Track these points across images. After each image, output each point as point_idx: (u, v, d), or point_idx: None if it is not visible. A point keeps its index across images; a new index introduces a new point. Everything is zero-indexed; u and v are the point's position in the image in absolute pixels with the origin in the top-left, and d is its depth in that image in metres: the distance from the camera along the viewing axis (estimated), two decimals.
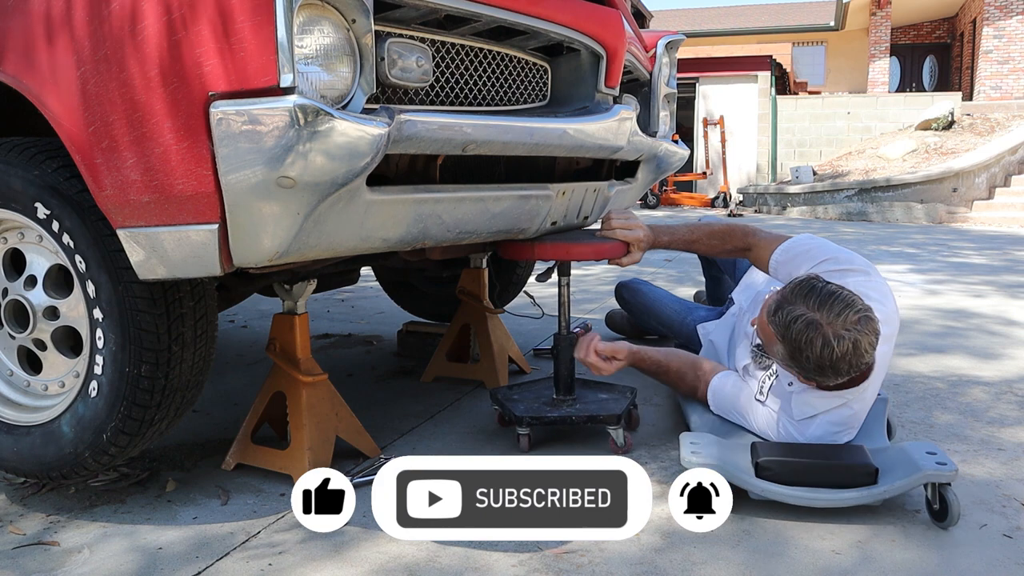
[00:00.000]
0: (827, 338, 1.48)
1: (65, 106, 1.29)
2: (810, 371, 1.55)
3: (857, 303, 1.52)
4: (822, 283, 1.55)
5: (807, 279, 1.57)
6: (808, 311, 1.51)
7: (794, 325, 1.51)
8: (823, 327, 1.49)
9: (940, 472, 1.46)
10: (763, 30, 18.90)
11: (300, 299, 1.72)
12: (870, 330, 1.50)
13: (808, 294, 1.53)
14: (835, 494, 1.50)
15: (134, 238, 1.30)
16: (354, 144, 1.18)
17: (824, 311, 1.50)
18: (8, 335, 1.61)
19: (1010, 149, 10.50)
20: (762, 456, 1.55)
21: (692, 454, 1.54)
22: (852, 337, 1.48)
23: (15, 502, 1.63)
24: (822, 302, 1.51)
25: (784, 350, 1.55)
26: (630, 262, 1.96)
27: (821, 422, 1.67)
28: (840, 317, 1.49)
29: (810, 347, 1.50)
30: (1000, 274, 4.96)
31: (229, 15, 1.14)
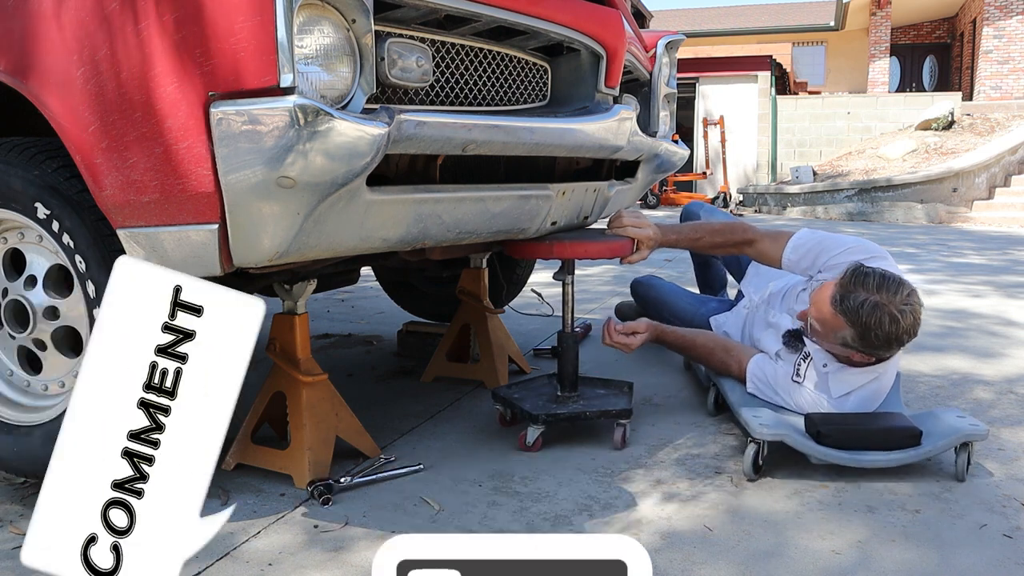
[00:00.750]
0: (893, 315, 1.69)
1: (65, 106, 1.29)
2: (878, 347, 1.75)
3: (905, 281, 1.75)
4: (870, 269, 1.75)
5: (857, 268, 1.76)
6: (870, 295, 1.71)
7: (863, 309, 1.70)
8: (887, 306, 1.69)
9: (976, 431, 1.67)
10: (763, 30, 18.89)
11: (300, 299, 1.72)
12: (919, 302, 1.74)
13: (865, 280, 1.73)
14: (886, 455, 1.69)
15: (134, 238, 1.30)
16: (354, 144, 1.18)
17: (883, 292, 1.71)
18: (8, 335, 1.61)
19: (1010, 149, 10.50)
20: (821, 425, 1.74)
21: (761, 425, 1.72)
22: (912, 310, 1.71)
23: (15, 502, 1.63)
24: (879, 285, 1.72)
25: (854, 332, 1.73)
26: (639, 258, 2.05)
27: (855, 397, 1.86)
28: (897, 296, 1.71)
29: (880, 326, 1.70)
30: (1000, 274, 4.96)
31: (229, 15, 1.14)
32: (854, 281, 1.74)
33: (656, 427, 2.05)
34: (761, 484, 1.69)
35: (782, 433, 1.70)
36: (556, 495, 1.64)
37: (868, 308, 1.70)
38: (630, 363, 2.66)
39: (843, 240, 1.98)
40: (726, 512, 1.56)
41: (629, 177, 2.23)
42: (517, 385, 2.11)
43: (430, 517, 1.54)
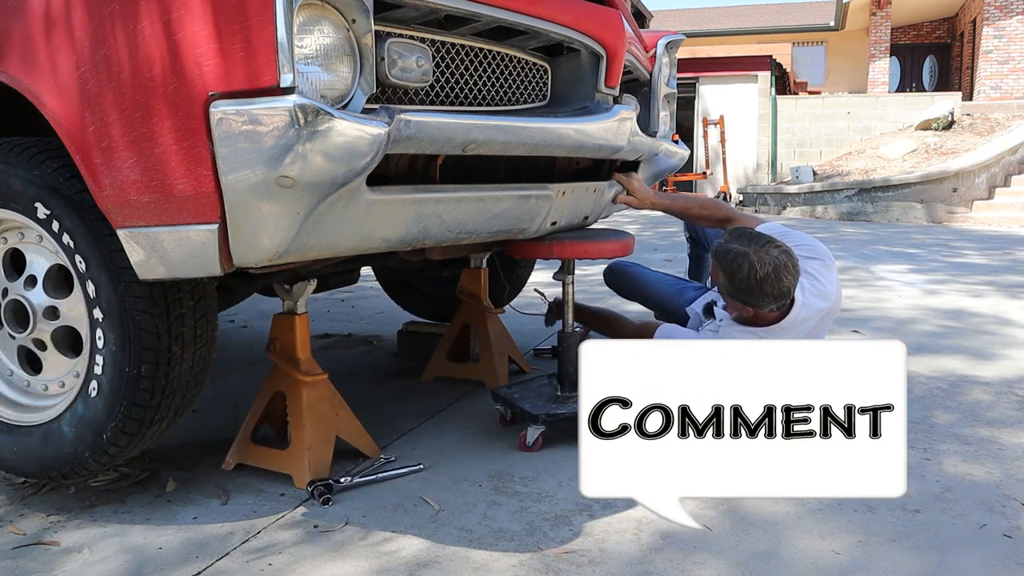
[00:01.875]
0: (752, 262, 1.83)
1: (65, 106, 1.29)
2: (743, 292, 1.87)
3: (780, 244, 1.88)
4: (751, 230, 1.91)
5: (743, 229, 1.92)
6: (740, 246, 1.87)
7: (728, 256, 1.87)
8: (750, 255, 1.84)
9: None
10: (763, 30, 18.88)
11: (300, 299, 1.72)
12: (790, 263, 1.85)
13: (741, 236, 1.90)
14: None
15: (134, 238, 1.30)
16: (354, 144, 1.18)
17: (752, 245, 1.86)
18: (8, 335, 1.61)
19: (1010, 149, 10.50)
20: None
21: None
22: (772, 262, 1.83)
23: (15, 502, 1.63)
24: (751, 240, 1.88)
25: (723, 279, 1.89)
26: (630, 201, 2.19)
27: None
28: (763, 248, 1.85)
29: (740, 270, 1.84)
30: (1000, 274, 4.96)
31: (229, 15, 1.14)
32: (733, 236, 1.92)
33: None
34: None
35: None
36: (556, 495, 1.64)
37: (733, 255, 1.86)
38: None
39: (799, 236, 2.11)
40: (726, 512, 1.56)
41: None
42: (517, 385, 2.11)
43: (430, 517, 1.54)
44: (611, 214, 2.35)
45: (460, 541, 1.44)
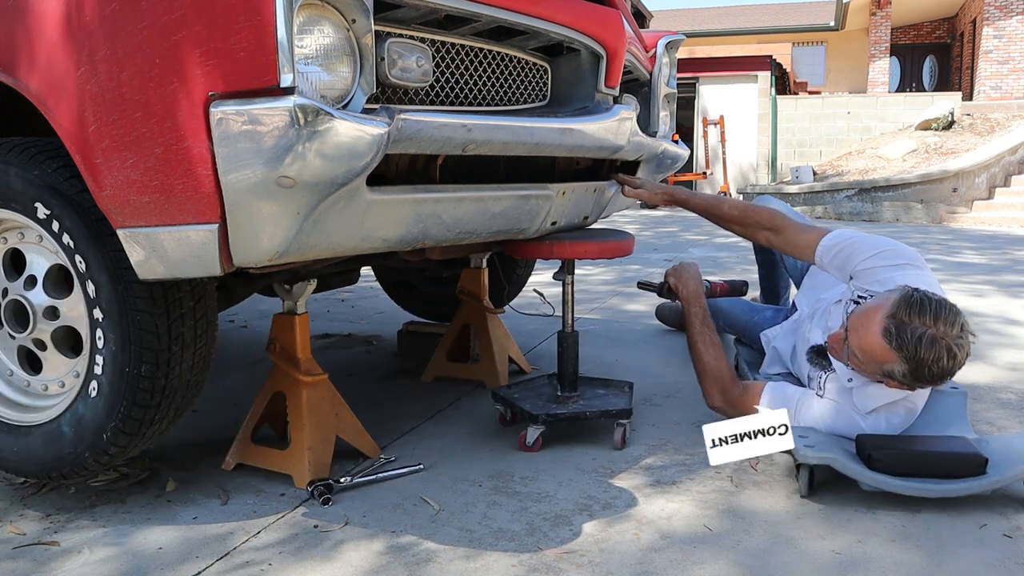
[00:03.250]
0: (951, 350, 1.56)
1: (65, 106, 1.29)
2: (929, 381, 1.60)
3: (958, 310, 1.61)
4: (922, 294, 1.61)
5: (910, 295, 1.61)
6: (927, 327, 1.57)
7: (921, 344, 1.56)
8: (944, 340, 1.56)
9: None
10: (763, 30, 18.89)
11: (300, 299, 1.73)
12: (968, 332, 1.60)
13: (922, 310, 1.58)
14: (946, 484, 1.55)
15: (134, 238, 1.30)
16: (354, 144, 1.18)
17: (941, 324, 1.57)
18: (8, 335, 1.61)
19: (1010, 149, 10.50)
20: (873, 449, 1.61)
21: (806, 447, 1.60)
22: (966, 344, 1.58)
23: (15, 502, 1.63)
24: (936, 316, 1.57)
25: (907, 368, 1.58)
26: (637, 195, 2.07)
27: (888, 416, 1.73)
28: (954, 328, 1.57)
29: (937, 362, 1.56)
30: (1000, 274, 4.96)
31: (229, 15, 1.14)
32: (909, 310, 1.59)
33: (656, 427, 2.05)
34: (761, 484, 1.69)
35: (828, 457, 1.58)
36: (556, 495, 1.64)
37: (927, 343, 1.55)
38: (630, 363, 2.66)
39: (875, 242, 1.84)
40: (726, 512, 1.56)
41: None
42: (517, 385, 2.11)
43: (430, 517, 1.54)
44: (611, 214, 2.35)
45: (460, 541, 1.44)
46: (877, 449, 1.61)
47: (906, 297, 1.61)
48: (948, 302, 1.61)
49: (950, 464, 1.58)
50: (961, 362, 1.57)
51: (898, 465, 1.58)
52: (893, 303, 1.61)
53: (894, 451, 1.60)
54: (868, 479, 1.57)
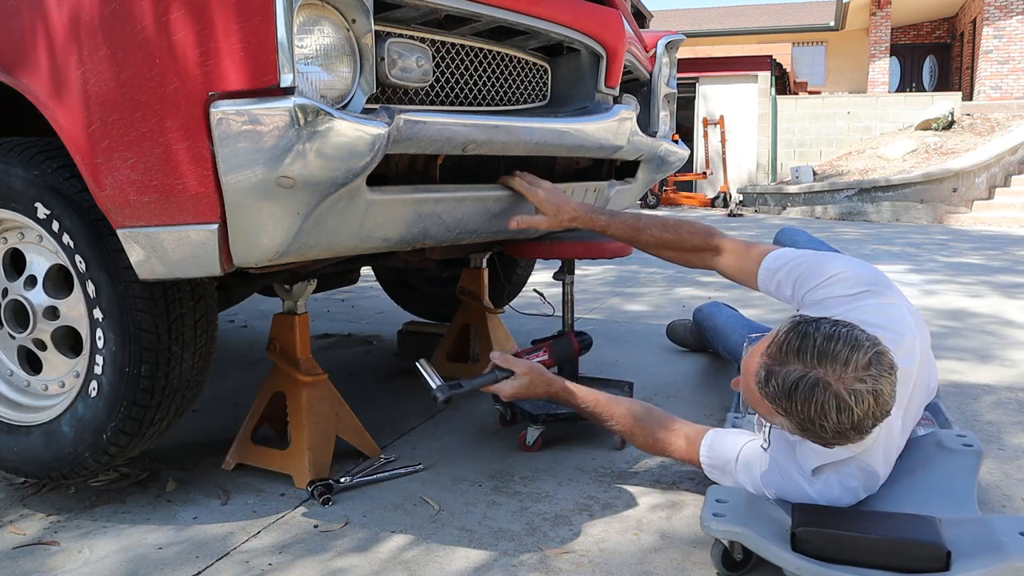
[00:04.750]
0: (841, 398, 1.19)
1: (65, 106, 1.29)
2: (829, 439, 1.25)
3: (862, 339, 1.23)
4: (812, 325, 1.25)
5: (794, 324, 1.27)
6: (807, 368, 1.21)
7: (796, 393, 1.21)
8: (832, 385, 1.20)
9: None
10: (763, 30, 18.90)
11: (300, 299, 1.73)
12: (887, 369, 1.22)
13: (801, 346, 1.23)
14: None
15: (134, 238, 1.30)
16: (354, 144, 1.18)
17: (827, 363, 1.21)
18: (8, 335, 1.61)
19: (1010, 149, 10.51)
20: (801, 525, 1.25)
21: (714, 516, 1.27)
22: (871, 387, 1.20)
23: (15, 502, 1.63)
24: (822, 352, 1.21)
25: (792, 423, 1.26)
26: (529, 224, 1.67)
27: (835, 478, 1.37)
28: (848, 366, 1.20)
29: (824, 415, 1.20)
30: (1000, 274, 4.96)
31: (229, 15, 1.14)
32: (786, 348, 1.24)
33: None
34: None
35: (737, 532, 1.24)
36: (556, 495, 1.64)
37: (804, 391, 1.20)
38: (630, 363, 2.66)
39: (826, 264, 1.48)
40: None
41: (629, 177, 2.24)
42: None
43: (430, 517, 1.54)
44: None
45: (460, 541, 1.44)
46: (805, 526, 1.25)
47: (787, 330, 1.26)
48: (849, 333, 1.23)
49: (899, 554, 1.19)
50: (865, 412, 1.19)
51: (830, 549, 1.22)
52: (771, 339, 1.29)
53: (826, 531, 1.23)
54: (789, 565, 1.22)
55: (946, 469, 1.44)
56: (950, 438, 1.53)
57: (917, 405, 1.50)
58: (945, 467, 1.45)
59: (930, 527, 1.23)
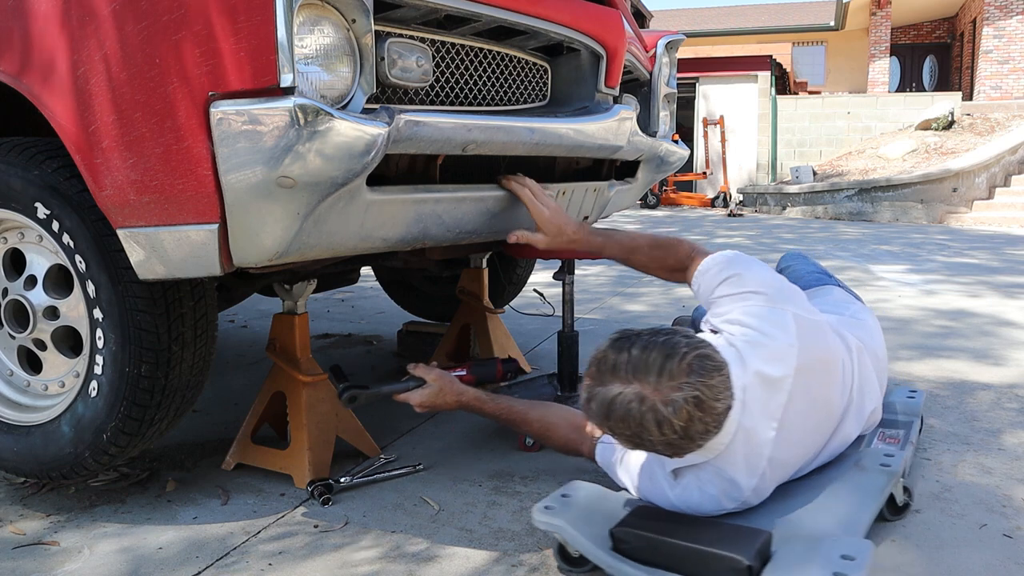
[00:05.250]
0: (658, 411, 1.17)
1: (65, 106, 1.29)
2: (663, 452, 1.25)
3: (680, 344, 1.21)
4: (629, 340, 1.24)
5: (612, 342, 1.26)
6: (623, 385, 1.20)
7: (613, 412, 1.20)
8: (647, 399, 1.18)
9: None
10: (763, 30, 18.89)
11: (300, 299, 1.73)
12: (713, 370, 1.21)
13: (617, 363, 1.22)
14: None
15: (134, 238, 1.30)
16: (354, 144, 1.18)
17: (642, 376, 1.19)
18: (8, 335, 1.61)
19: (1010, 149, 10.51)
20: (624, 525, 1.27)
21: (545, 508, 1.31)
22: (688, 395, 1.18)
23: (15, 502, 1.63)
24: (636, 366, 1.20)
25: (621, 441, 1.25)
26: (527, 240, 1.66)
27: (694, 484, 1.35)
28: (664, 375, 1.18)
29: (645, 430, 1.19)
30: (1000, 274, 4.96)
31: (229, 15, 1.14)
32: (604, 366, 1.23)
33: None
34: None
35: (557, 524, 1.28)
36: None
37: (621, 409, 1.19)
38: None
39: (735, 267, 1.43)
40: None
41: (629, 177, 2.23)
42: (517, 385, 2.11)
43: (430, 517, 1.54)
44: (611, 214, 2.35)
45: (460, 541, 1.44)
46: (626, 527, 1.26)
47: (606, 348, 1.25)
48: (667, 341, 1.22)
49: (703, 563, 1.19)
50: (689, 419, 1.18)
51: (643, 551, 1.23)
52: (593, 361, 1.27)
53: (639, 533, 1.25)
54: (600, 561, 1.24)
55: (852, 488, 1.42)
56: (870, 456, 1.50)
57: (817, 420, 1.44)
58: (852, 486, 1.43)
59: (747, 541, 1.22)
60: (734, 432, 1.29)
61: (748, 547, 1.20)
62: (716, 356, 1.24)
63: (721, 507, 1.35)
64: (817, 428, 1.45)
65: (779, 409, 1.33)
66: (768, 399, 1.32)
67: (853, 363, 1.54)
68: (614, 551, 1.25)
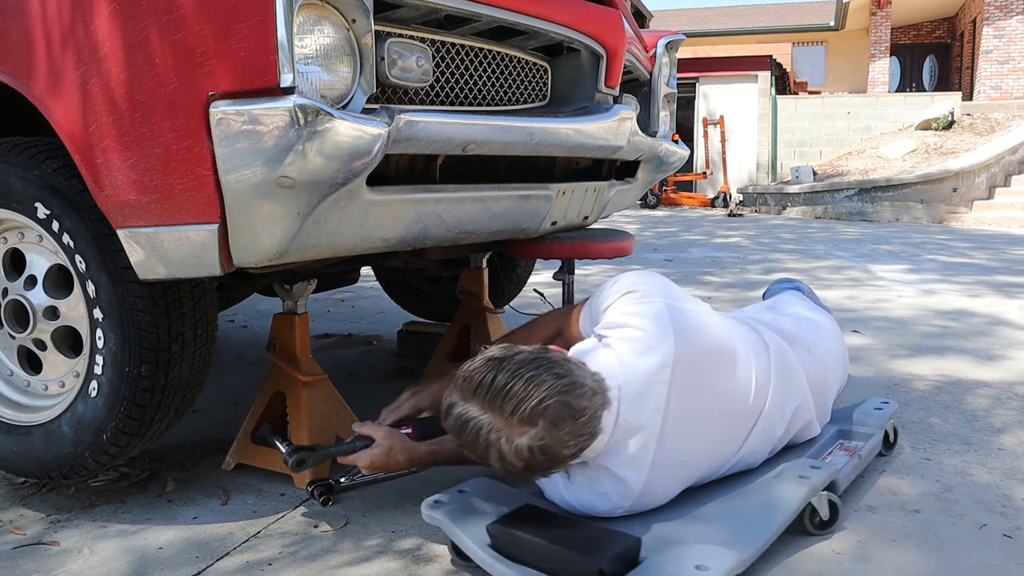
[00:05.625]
0: (502, 448, 1.20)
1: (65, 106, 1.29)
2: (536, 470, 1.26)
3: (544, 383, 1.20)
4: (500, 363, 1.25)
5: (485, 359, 1.27)
6: (480, 410, 1.21)
7: (465, 433, 1.23)
8: (492, 434, 1.21)
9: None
10: (763, 30, 18.90)
11: (300, 299, 1.72)
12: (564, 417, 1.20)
13: (480, 385, 1.22)
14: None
15: (134, 238, 1.30)
16: (354, 144, 1.18)
17: (498, 407, 1.20)
18: (8, 335, 1.61)
19: (1010, 149, 10.51)
20: (496, 522, 1.28)
21: (434, 503, 1.36)
22: (535, 443, 1.20)
23: (15, 502, 1.63)
24: (493, 397, 1.20)
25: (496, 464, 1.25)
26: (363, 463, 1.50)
27: (586, 484, 1.36)
28: (516, 415, 1.19)
29: (490, 458, 1.23)
30: (1000, 274, 4.96)
31: (229, 15, 1.14)
32: (469, 383, 1.24)
33: None
34: None
35: (438, 519, 1.32)
36: None
37: (471, 435, 1.22)
38: None
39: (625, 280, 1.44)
40: None
41: (629, 177, 2.24)
42: None
43: None
44: (611, 214, 2.35)
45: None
46: (500, 524, 1.27)
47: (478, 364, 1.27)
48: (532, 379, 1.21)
49: (561, 563, 1.20)
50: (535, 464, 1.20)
51: (515, 549, 1.24)
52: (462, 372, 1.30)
53: (508, 529, 1.26)
54: (480, 559, 1.26)
55: (762, 499, 1.41)
56: (793, 467, 1.48)
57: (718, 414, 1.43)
58: (763, 497, 1.41)
59: (608, 545, 1.22)
60: (612, 431, 1.30)
61: (606, 551, 1.20)
62: (576, 403, 1.22)
63: (615, 505, 1.35)
64: (721, 425, 1.43)
65: (662, 399, 1.33)
66: (648, 391, 1.33)
67: (770, 361, 1.53)
68: (491, 548, 1.27)
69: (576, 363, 1.29)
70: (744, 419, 1.49)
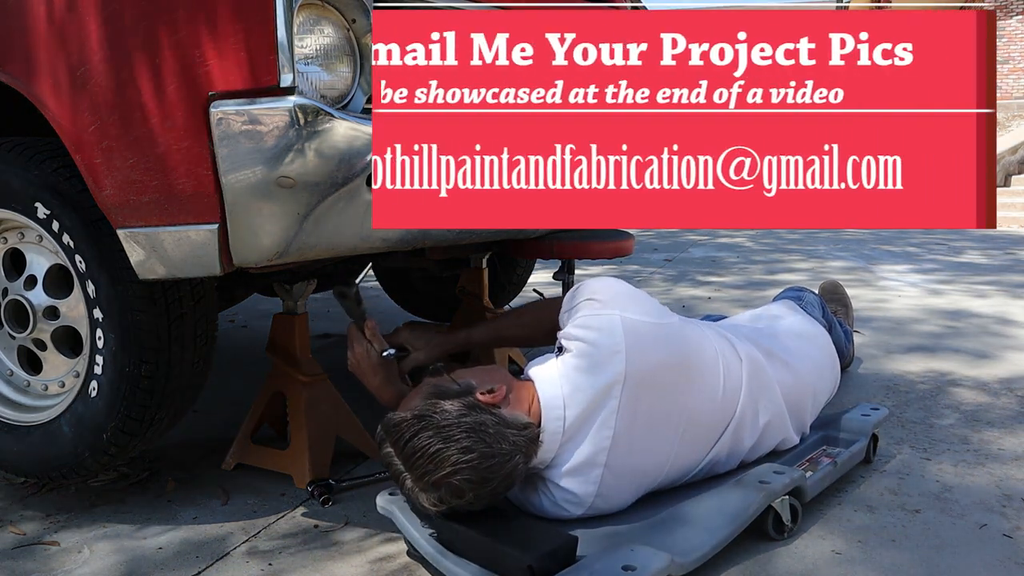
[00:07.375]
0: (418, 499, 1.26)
1: (65, 106, 1.29)
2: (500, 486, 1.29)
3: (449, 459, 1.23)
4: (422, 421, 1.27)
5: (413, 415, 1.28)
6: (399, 462, 1.27)
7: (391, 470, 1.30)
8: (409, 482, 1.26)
9: None
10: None
11: (300, 299, 1.73)
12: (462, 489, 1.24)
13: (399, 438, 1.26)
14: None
15: (134, 238, 1.31)
16: (354, 144, 1.18)
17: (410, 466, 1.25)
18: (8, 335, 1.61)
19: (1010, 149, 10.53)
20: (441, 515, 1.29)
21: (389, 494, 1.39)
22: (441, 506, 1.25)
23: (15, 502, 1.63)
24: (408, 453, 1.25)
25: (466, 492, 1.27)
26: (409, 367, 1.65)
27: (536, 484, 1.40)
28: (422, 480, 1.24)
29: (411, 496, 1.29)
30: (1000, 274, 4.96)
31: (229, 15, 1.14)
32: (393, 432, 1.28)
33: None
34: None
35: (389, 510, 1.36)
36: None
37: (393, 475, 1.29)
38: None
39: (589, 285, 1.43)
40: None
41: None
42: None
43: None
44: None
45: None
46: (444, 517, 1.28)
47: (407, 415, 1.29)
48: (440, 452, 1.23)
49: (494, 557, 1.22)
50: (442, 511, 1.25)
51: (456, 541, 1.27)
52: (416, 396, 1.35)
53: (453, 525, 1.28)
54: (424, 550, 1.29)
55: (718, 503, 1.40)
56: (755, 473, 1.46)
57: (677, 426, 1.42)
58: (719, 501, 1.40)
59: (542, 543, 1.23)
60: (557, 448, 1.33)
61: (539, 548, 1.21)
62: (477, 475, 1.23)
63: (567, 512, 1.37)
64: (684, 436, 1.43)
65: (611, 416, 1.33)
66: (597, 408, 1.33)
67: (742, 372, 1.54)
68: (435, 539, 1.29)
69: (501, 418, 1.29)
70: (709, 430, 1.49)
